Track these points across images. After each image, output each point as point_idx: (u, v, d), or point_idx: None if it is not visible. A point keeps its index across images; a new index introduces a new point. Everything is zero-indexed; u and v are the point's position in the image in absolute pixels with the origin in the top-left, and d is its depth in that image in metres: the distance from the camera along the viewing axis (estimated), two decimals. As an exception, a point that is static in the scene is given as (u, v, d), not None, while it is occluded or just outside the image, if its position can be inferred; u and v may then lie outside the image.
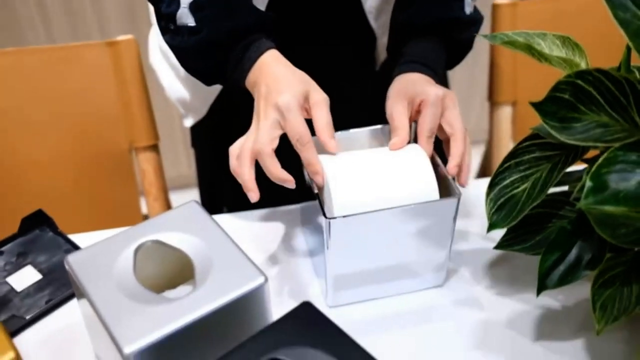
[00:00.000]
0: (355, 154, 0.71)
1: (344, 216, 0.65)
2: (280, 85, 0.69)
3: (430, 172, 0.68)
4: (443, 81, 0.95)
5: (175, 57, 0.77)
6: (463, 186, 0.72)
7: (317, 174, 0.67)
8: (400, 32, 0.83)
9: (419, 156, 0.70)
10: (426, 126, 0.71)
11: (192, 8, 0.72)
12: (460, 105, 0.75)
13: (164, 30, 0.76)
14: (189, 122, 1.06)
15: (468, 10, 0.81)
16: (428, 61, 0.79)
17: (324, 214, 0.65)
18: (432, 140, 0.72)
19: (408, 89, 0.74)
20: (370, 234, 0.67)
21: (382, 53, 0.93)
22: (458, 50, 0.84)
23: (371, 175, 0.68)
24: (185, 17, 0.73)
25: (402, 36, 0.82)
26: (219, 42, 0.73)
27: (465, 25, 0.81)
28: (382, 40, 0.91)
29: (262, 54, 0.72)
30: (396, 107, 0.73)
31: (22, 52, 1.09)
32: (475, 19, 0.82)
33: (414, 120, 0.75)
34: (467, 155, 0.72)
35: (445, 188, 0.69)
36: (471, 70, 1.97)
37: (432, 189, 0.67)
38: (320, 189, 0.69)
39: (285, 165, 0.68)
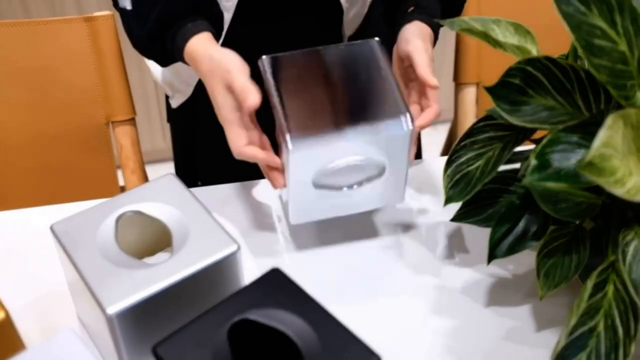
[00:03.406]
0: None
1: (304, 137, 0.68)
2: (209, 89, 0.73)
3: None
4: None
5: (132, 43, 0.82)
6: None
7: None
8: None
9: None
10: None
11: None
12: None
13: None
14: (175, 103, 1.07)
15: None
16: (436, 15, 0.84)
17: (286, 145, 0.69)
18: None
19: (428, 52, 0.78)
20: (331, 160, 0.71)
21: (348, 28, 0.96)
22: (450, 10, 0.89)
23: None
24: (123, 0, 0.77)
25: None
26: (151, 37, 0.76)
27: None
28: (349, 16, 0.94)
29: (185, 44, 0.75)
30: (422, 56, 0.77)
31: (-2, 26, 1.09)
32: None
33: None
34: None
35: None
36: (440, 52, 2.02)
37: None
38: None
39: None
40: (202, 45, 0.75)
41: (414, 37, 0.79)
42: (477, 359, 0.69)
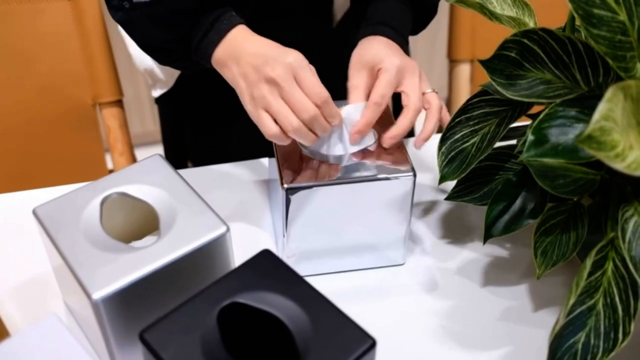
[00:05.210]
0: None
1: (300, 187, 0.66)
2: (275, 50, 0.66)
3: None
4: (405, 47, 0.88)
5: (128, 32, 0.74)
6: (416, 147, 0.73)
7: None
8: None
9: None
10: (376, 91, 0.69)
11: None
12: (423, 64, 0.77)
13: (115, 8, 0.73)
14: (156, 93, 1.04)
15: None
16: (394, 23, 0.77)
17: (282, 183, 0.66)
18: (381, 107, 0.69)
19: (368, 56, 0.71)
20: (326, 208, 0.68)
21: (339, 12, 0.94)
22: (424, 14, 0.83)
23: None
24: None
25: None
26: (186, 10, 0.70)
27: None
28: (339, 1, 0.92)
29: (233, 26, 0.70)
30: (355, 78, 0.71)
31: (-19, 7, 1.06)
32: None
33: None
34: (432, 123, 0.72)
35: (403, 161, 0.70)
36: (434, 29, 1.99)
37: None
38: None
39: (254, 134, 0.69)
40: (253, 32, 0.70)
41: (354, 68, 0.72)
42: (474, 339, 0.68)
